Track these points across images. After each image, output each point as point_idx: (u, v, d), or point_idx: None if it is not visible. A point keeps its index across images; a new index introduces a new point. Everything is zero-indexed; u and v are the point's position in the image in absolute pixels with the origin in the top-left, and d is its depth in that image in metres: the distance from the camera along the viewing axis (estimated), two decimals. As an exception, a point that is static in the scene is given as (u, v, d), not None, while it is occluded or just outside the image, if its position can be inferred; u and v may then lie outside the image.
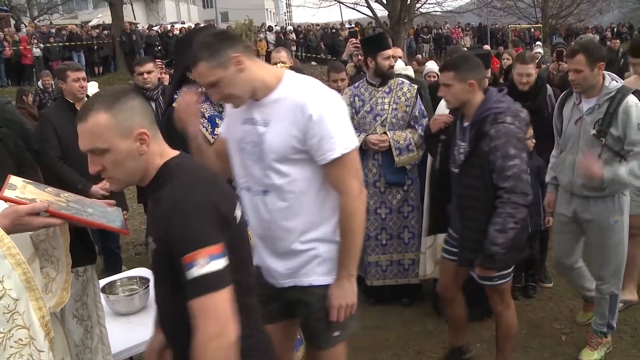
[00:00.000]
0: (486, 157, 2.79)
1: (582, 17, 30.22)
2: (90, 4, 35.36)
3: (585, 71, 3.15)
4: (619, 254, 3.33)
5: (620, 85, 3.22)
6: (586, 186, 3.26)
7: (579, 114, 3.30)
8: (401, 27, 18.71)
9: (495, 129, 2.76)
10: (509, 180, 2.75)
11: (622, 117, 3.12)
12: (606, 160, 3.18)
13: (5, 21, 23.87)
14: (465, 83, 2.85)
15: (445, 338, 3.85)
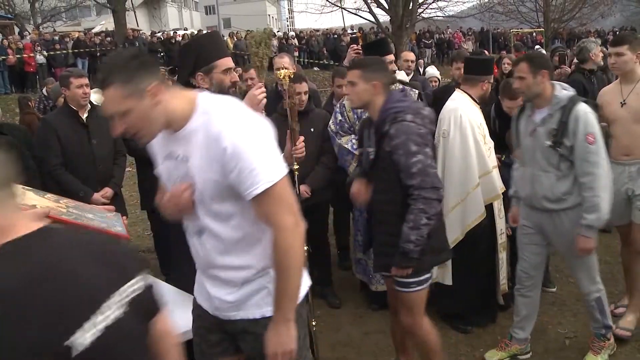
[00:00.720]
0: (389, 157, 2.77)
1: (584, 21, 30.18)
2: (93, 11, 35.54)
3: (528, 78, 3.17)
4: (592, 263, 3.33)
5: (571, 94, 3.21)
6: (548, 198, 3.25)
7: (533, 125, 3.28)
8: (403, 32, 18.76)
9: (395, 128, 2.74)
10: (415, 177, 2.72)
11: (573, 126, 3.11)
12: (564, 171, 3.19)
13: (9, 29, 23.98)
14: (369, 84, 2.83)
15: (449, 343, 3.84)
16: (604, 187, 3.11)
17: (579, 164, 3.12)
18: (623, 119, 3.68)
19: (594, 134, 3.09)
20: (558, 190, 3.21)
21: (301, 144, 2.87)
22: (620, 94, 3.71)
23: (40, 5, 29.81)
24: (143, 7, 38.34)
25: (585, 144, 3.08)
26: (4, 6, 28.72)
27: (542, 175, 3.25)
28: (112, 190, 4.41)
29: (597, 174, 3.09)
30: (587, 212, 3.11)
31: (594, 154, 3.09)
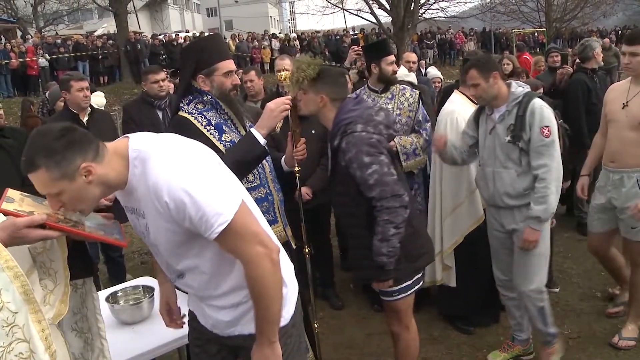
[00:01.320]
0: (345, 171, 2.70)
1: (586, 20, 30.11)
2: (95, 14, 35.57)
3: (482, 84, 3.18)
4: (541, 265, 3.28)
5: (526, 90, 3.22)
6: (510, 195, 3.23)
7: (492, 123, 3.28)
8: (405, 33, 18.75)
9: (346, 141, 2.66)
10: (374, 189, 2.64)
11: (529, 119, 3.13)
12: (524, 167, 3.17)
13: (12, 32, 24.06)
14: (318, 95, 2.75)
15: (451, 344, 3.84)
16: (555, 179, 3.10)
17: (533, 155, 3.12)
18: (620, 122, 3.54)
19: (549, 127, 3.10)
20: (519, 185, 3.19)
21: (302, 146, 2.86)
22: (626, 94, 3.54)
23: (42, 9, 29.88)
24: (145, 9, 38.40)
25: (541, 136, 3.09)
26: (7, 10, 28.80)
27: (502, 171, 3.24)
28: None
29: (550, 166, 3.09)
30: (535, 202, 3.12)
31: (548, 147, 3.10)
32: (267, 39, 24.91)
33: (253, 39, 24.32)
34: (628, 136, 3.48)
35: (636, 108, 3.45)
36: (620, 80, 4.02)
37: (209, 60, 2.69)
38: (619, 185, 3.56)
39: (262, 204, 2.74)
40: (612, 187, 3.60)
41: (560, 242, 5.02)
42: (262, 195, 2.75)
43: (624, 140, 3.50)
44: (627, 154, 3.49)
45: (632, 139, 3.46)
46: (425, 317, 4.17)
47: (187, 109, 2.73)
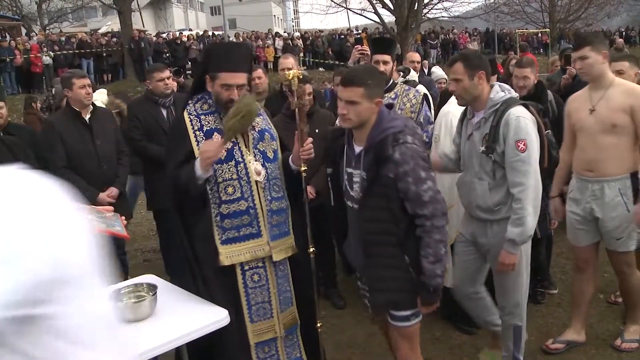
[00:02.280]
0: (392, 184, 2.49)
1: (590, 21, 30.04)
2: (99, 12, 35.64)
3: (465, 80, 2.97)
4: (518, 283, 3.13)
5: (507, 96, 2.98)
6: (481, 208, 3.06)
7: (471, 129, 3.11)
8: (408, 33, 18.75)
9: (400, 152, 2.46)
10: (427, 206, 2.48)
11: (503, 131, 2.90)
12: (498, 180, 2.99)
13: (17, 30, 24.11)
14: (372, 101, 2.53)
15: (453, 344, 3.84)
16: (532, 199, 2.89)
17: (508, 171, 2.92)
18: (590, 128, 3.38)
19: (525, 140, 2.86)
20: (490, 199, 3.01)
21: (309, 145, 2.86)
22: (590, 101, 3.38)
23: (47, 7, 29.94)
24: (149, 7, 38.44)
25: (515, 150, 2.87)
26: (12, 7, 28.87)
27: (475, 182, 3.06)
28: (117, 190, 4.44)
29: (526, 185, 2.87)
30: (512, 225, 2.92)
31: (523, 163, 2.87)
32: (271, 38, 24.92)
33: (257, 37, 24.34)
34: (603, 141, 3.32)
35: (605, 111, 3.30)
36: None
37: (214, 67, 2.74)
38: (600, 196, 3.38)
39: (242, 217, 2.79)
40: (592, 198, 3.42)
41: (562, 242, 5.02)
42: (243, 208, 2.78)
43: (599, 147, 3.34)
44: (606, 160, 3.33)
45: (608, 143, 3.31)
46: (427, 317, 4.16)
47: (190, 108, 2.80)
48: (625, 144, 3.29)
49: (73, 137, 4.31)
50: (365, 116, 2.53)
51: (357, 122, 2.55)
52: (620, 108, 3.25)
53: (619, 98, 3.26)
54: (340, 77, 2.74)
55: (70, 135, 4.30)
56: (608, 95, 3.30)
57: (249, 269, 2.87)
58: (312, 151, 2.86)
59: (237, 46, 2.95)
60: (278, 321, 2.94)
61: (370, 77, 2.53)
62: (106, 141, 4.46)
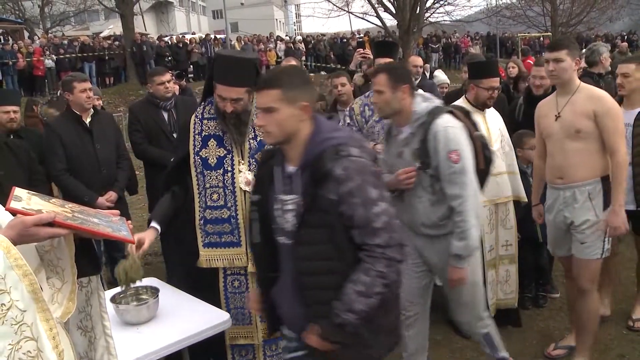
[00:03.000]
0: (334, 209, 1.94)
1: (592, 25, 30.03)
2: (101, 15, 35.74)
3: (387, 92, 2.84)
4: (476, 295, 3.06)
5: (431, 105, 2.87)
6: (426, 225, 2.96)
7: (399, 147, 2.96)
8: (410, 37, 18.76)
9: (342, 167, 1.93)
10: (380, 234, 1.93)
11: (433, 144, 2.79)
12: (439, 195, 2.87)
13: (20, 33, 24.19)
14: (294, 106, 1.99)
15: (454, 348, 3.83)
16: (473, 209, 2.80)
17: (445, 185, 2.81)
18: (556, 135, 3.31)
19: (457, 151, 2.76)
20: (434, 215, 2.91)
21: None
22: (556, 107, 3.31)
23: (49, 10, 30.04)
24: (151, 11, 38.55)
25: (449, 162, 2.76)
26: (14, 11, 28.97)
27: (415, 200, 2.94)
28: (116, 194, 4.45)
29: (464, 197, 2.77)
30: (456, 239, 2.82)
31: (459, 174, 2.77)
32: (273, 42, 24.96)
33: (258, 41, 24.39)
34: (570, 147, 3.25)
35: (570, 117, 3.24)
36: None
37: (215, 76, 2.79)
38: (571, 202, 3.30)
39: (223, 225, 2.87)
40: (563, 205, 3.33)
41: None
42: (225, 216, 2.85)
43: (566, 153, 3.27)
44: (574, 166, 3.25)
45: (574, 149, 3.24)
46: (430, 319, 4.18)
47: (199, 111, 2.89)
48: (592, 149, 3.21)
49: (73, 140, 4.32)
50: (289, 126, 2.01)
51: (281, 134, 2.02)
52: (583, 113, 3.19)
53: (582, 103, 3.20)
54: None
55: (70, 138, 4.31)
56: (573, 101, 3.24)
57: (230, 274, 2.95)
58: None
59: (237, 61, 2.79)
60: (257, 329, 2.95)
61: (288, 76, 2.03)
62: (106, 145, 4.47)
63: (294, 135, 2.02)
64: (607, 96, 3.23)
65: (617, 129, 3.17)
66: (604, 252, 3.28)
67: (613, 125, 3.16)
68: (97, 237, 1.70)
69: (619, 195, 3.16)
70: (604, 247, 3.27)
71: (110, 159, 4.51)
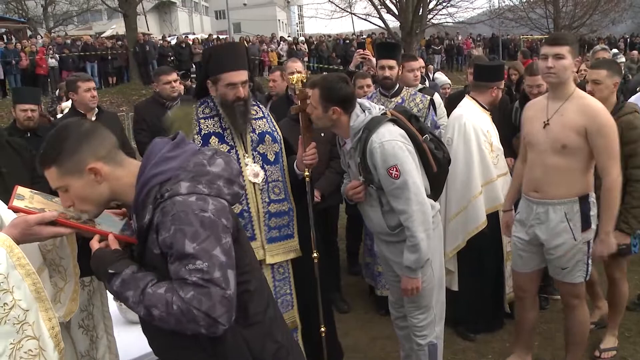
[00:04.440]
0: (163, 266, 1.57)
1: (595, 27, 30.06)
2: (104, 15, 35.80)
3: (318, 109, 2.75)
4: (431, 300, 2.96)
5: (368, 118, 2.74)
6: (380, 232, 2.96)
7: (346, 157, 2.94)
8: (413, 38, 18.78)
9: (161, 212, 1.55)
10: (188, 291, 1.49)
11: (371, 161, 2.72)
12: (388, 205, 2.81)
13: (23, 33, 24.24)
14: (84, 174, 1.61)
15: (456, 349, 3.83)
16: (421, 224, 2.70)
17: (391, 200, 2.75)
18: (540, 145, 3.00)
19: (395, 166, 2.66)
20: (387, 224, 2.86)
21: (312, 150, 2.86)
22: (546, 112, 2.99)
23: (52, 10, 30.11)
24: (154, 11, 38.61)
25: (390, 179, 2.68)
26: (18, 10, 29.03)
27: (369, 209, 2.93)
28: (121, 193, 4.45)
29: (410, 212, 2.69)
30: (408, 251, 2.78)
31: (402, 190, 2.68)
32: (276, 42, 24.97)
33: (261, 42, 24.41)
34: (552, 162, 2.96)
35: (558, 128, 2.91)
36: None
37: (215, 69, 2.73)
38: (544, 220, 3.05)
39: None
40: (536, 222, 3.09)
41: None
42: (237, 211, 2.77)
43: (547, 167, 2.98)
44: (552, 183, 2.98)
45: (556, 165, 2.95)
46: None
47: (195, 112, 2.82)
48: (576, 167, 2.93)
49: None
50: (95, 194, 1.64)
51: (96, 206, 1.68)
52: (573, 127, 2.87)
53: (574, 116, 2.88)
54: None
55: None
56: (564, 109, 2.91)
57: None
58: (315, 156, 2.86)
59: (233, 45, 2.96)
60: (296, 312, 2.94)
61: (57, 146, 1.61)
62: (111, 143, 4.48)
63: (110, 197, 1.68)
64: (602, 110, 2.87)
65: (611, 149, 2.85)
66: (588, 274, 3.08)
67: (606, 145, 2.84)
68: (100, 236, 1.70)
69: (608, 222, 2.91)
70: (588, 270, 3.07)
71: (116, 157, 4.52)
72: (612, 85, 3.33)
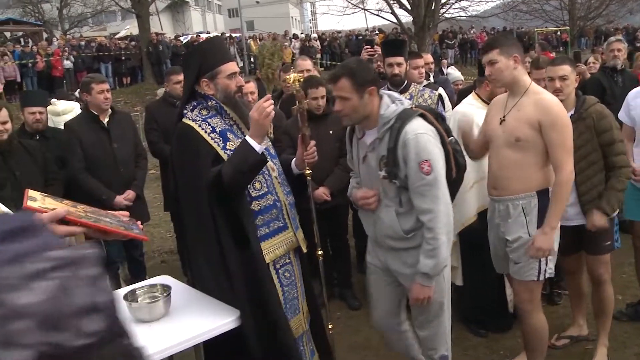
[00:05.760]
0: None
1: (612, 18, 29.65)
2: (118, 16, 36.11)
3: (353, 99, 2.56)
4: (441, 313, 2.84)
5: (400, 108, 2.59)
6: (392, 237, 2.72)
7: (364, 150, 2.72)
8: (425, 33, 18.66)
9: None
10: None
11: (402, 153, 2.53)
12: (406, 206, 2.64)
13: (39, 35, 24.55)
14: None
15: (467, 345, 3.83)
16: (445, 226, 2.56)
17: (414, 196, 2.56)
18: (498, 140, 3.02)
19: (430, 160, 2.50)
20: (401, 227, 2.66)
21: (312, 149, 2.85)
22: (504, 108, 3.01)
23: (67, 12, 30.45)
24: (167, 11, 38.82)
25: (420, 174, 2.51)
26: (34, 13, 29.43)
27: (382, 210, 2.72)
28: (134, 193, 4.50)
29: (436, 212, 2.53)
30: (425, 256, 2.58)
31: (431, 187, 2.52)
32: (288, 40, 25.01)
33: (274, 39, 24.46)
34: (506, 156, 2.97)
35: (513, 122, 2.93)
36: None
37: (212, 63, 2.68)
38: (505, 216, 3.03)
39: (271, 212, 2.74)
40: (499, 220, 3.07)
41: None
42: (270, 202, 2.75)
43: (502, 162, 3.00)
44: (508, 178, 2.97)
45: (510, 159, 2.95)
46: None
47: (190, 116, 2.72)
48: (532, 161, 2.91)
49: (91, 140, 4.39)
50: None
51: None
52: (527, 121, 2.88)
53: (528, 109, 2.88)
54: None
55: (88, 138, 4.38)
56: (520, 104, 2.92)
57: (281, 267, 2.83)
58: (315, 155, 2.84)
59: (220, 39, 2.95)
60: (303, 315, 2.93)
61: None
62: (124, 144, 4.53)
63: None
64: (555, 105, 2.87)
65: (564, 143, 2.83)
66: (541, 273, 2.98)
67: (559, 139, 2.82)
68: (111, 235, 1.74)
69: (554, 216, 2.85)
70: (540, 268, 2.97)
71: (128, 159, 4.57)
72: (575, 80, 3.29)
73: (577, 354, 3.65)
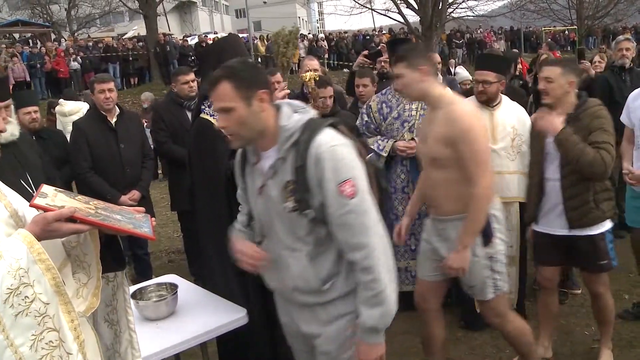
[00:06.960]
0: None
1: (620, 17, 29.43)
2: (126, 16, 36.27)
3: (239, 108, 1.91)
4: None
5: (305, 117, 1.99)
6: (301, 290, 2.08)
7: (262, 178, 2.05)
8: (433, 33, 18.64)
9: None
10: None
11: (315, 172, 1.92)
12: (321, 243, 2.02)
13: (47, 36, 24.70)
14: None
15: (474, 344, 3.83)
16: (384, 262, 1.98)
17: (338, 232, 1.96)
18: (424, 158, 2.89)
19: (352, 179, 1.91)
20: (315, 275, 2.03)
21: None
22: (429, 124, 2.84)
23: (76, 13, 30.63)
24: (174, 11, 38.95)
25: (341, 198, 1.90)
26: (43, 15, 29.62)
27: (287, 255, 2.06)
28: (139, 193, 4.53)
29: (371, 245, 1.94)
30: (367, 306, 1.97)
31: (357, 214, 1.92)
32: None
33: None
34: (431, 176, 2.84)
35: (429, 140, 2.77)
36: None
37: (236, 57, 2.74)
38: (445, 238, 2.86)
39: None
40: (438, 238, 2.91)
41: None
42: None
43: (431, 181, 2.86)
44: (440, 197, 2.84)
45: (436, 178, 2.80)
46: (447, 318, 4.14)
47: (209, 111, 2.79)
48: (455, 178, 2.73)
49: (98, 140, 4.42)
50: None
51: None
52: (439, 138, 2.71)
53: (440, 124, 2.71)
54: None
55: (95, 138, 4.41)
56: (434, 119, 2.76)
57: None
58: None
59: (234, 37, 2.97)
60: None
61: None
62: (131, 145, 4.56)
63: None
64: (465, 115, 2.67)
65: (476, 155, 2.64)
66: (496, 289, 2.88)
67: (470, 151, 2.63)
68: (119, 233, 1.76)
69: (467, 235, 2.71)
70: (495, 285, 2.86)
71: (135, 159, 4.59)
72: (566, 85, 3.06)
73: (582, 353, 3.65)
